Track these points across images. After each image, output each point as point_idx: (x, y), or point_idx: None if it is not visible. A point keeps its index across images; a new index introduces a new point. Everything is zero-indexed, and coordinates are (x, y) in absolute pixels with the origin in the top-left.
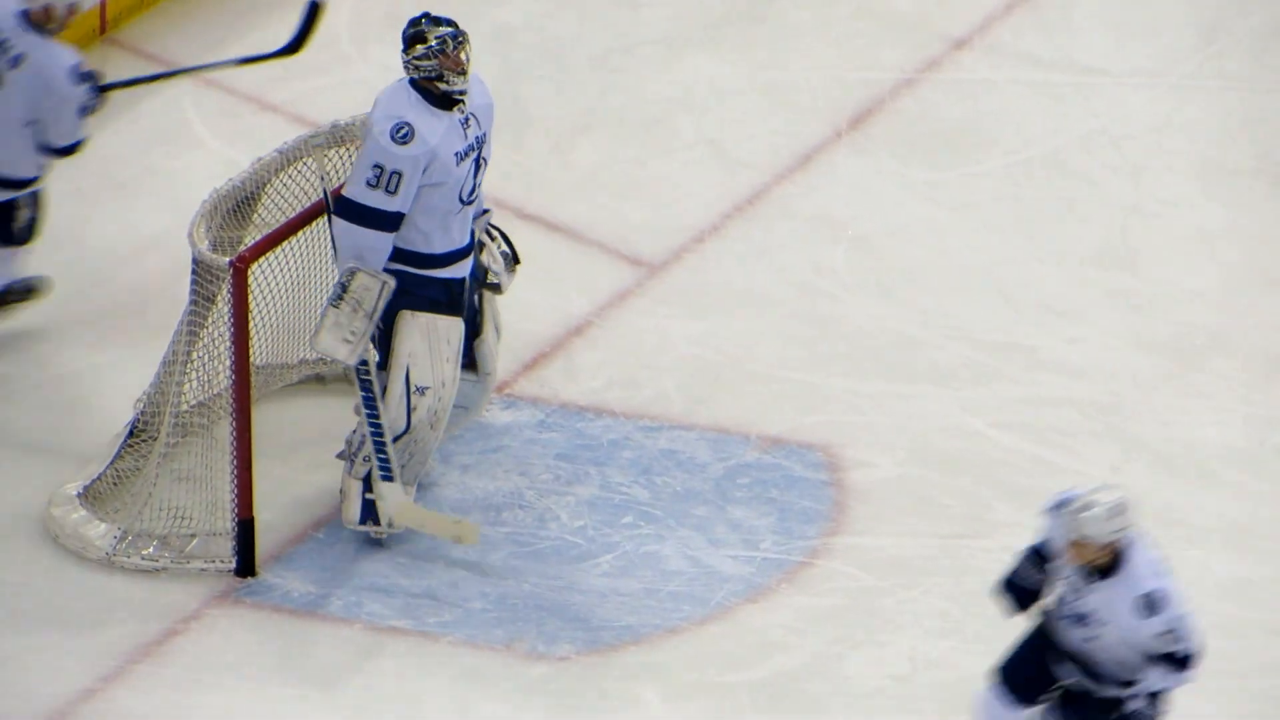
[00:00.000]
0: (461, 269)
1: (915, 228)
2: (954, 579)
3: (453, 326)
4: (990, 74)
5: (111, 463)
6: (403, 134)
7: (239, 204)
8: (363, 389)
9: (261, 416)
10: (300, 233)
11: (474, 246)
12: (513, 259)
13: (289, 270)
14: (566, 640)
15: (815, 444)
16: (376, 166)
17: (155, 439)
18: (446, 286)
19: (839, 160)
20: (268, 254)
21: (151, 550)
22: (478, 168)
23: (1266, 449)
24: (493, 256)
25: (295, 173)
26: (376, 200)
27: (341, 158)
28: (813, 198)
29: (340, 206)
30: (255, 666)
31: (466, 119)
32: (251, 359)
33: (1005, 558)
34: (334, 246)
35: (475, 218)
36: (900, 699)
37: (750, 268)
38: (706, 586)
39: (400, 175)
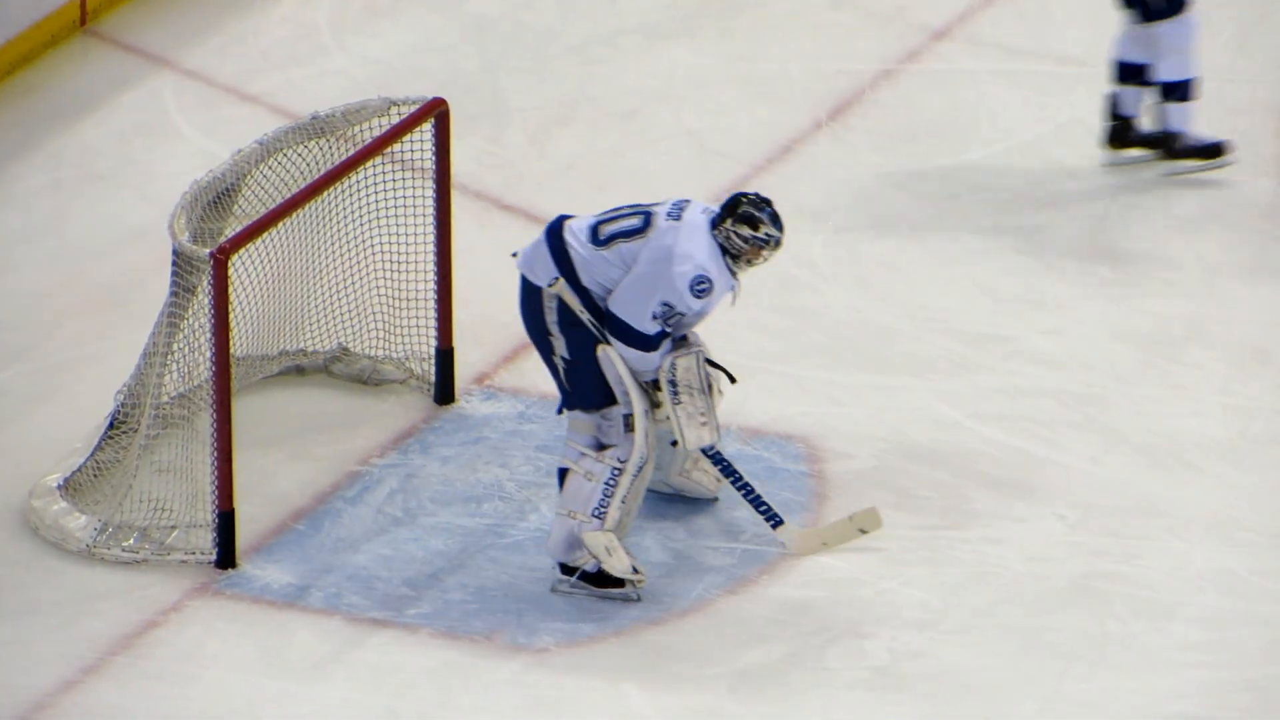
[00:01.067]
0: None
1: (894, 219)
2: (933, 570)
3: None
4: (969, 65)
5: (92, 454)
6: (702, 288)
7: (219, 196)
8: (716, 461)
9: (242, 408)
10: (281, 224)
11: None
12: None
13: (270, 262)
14: (546, 632)
15: (795, 435)
16: (666, 304)
17: (135, 431)
18: None
19: (818, 151)
20: (248, 245)
21: (132, 542)
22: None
23: (1247, 440)
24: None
25: (275, 164)
26: (656, 328)
27: (322, 149)
28: (792, 189)
29: (621, 332)
30: (235, 658)
31: (735, 286)
32: (232, 351)
33: (984, 548)
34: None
35: None
36: (880, 690)
37: None
38: (687, 578)
39: (681, 317)
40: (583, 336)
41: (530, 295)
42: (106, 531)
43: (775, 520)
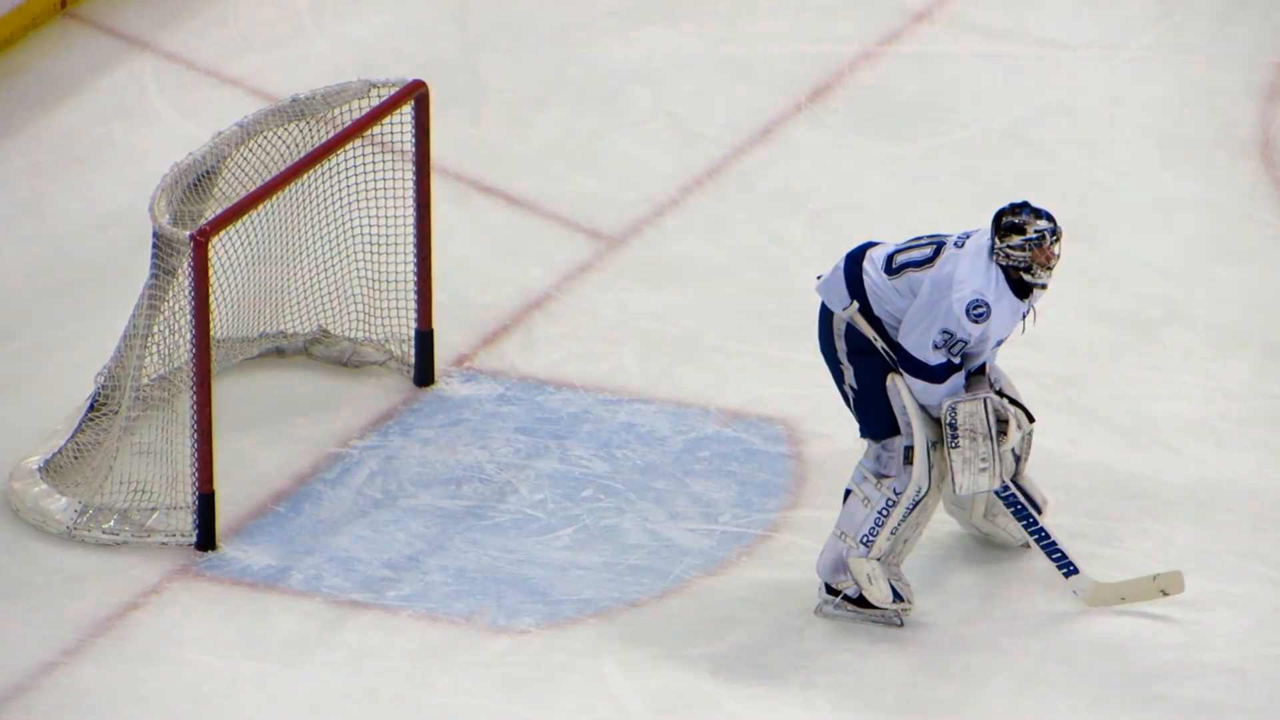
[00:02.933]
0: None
1: (874, 201)
2: (913, 551)
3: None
4: (949, 47)
5: (72, 437)
6: (979, 313)
7: (200, 178)
8: (1010, 504)
9: (222, 390)
10: (261, 207)
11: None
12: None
13: (250, 244)
14: (526, 613)
15: (775, 417)
16: (946, 333)
17: (116, 413)
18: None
19: (798, 133)
20: (228, 228)
21: (112, 524)
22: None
23: (1226, 421)
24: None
25: (256, 147)
26: (940, 358)
27: (302, 131)
28: (772, 171)
29: (906, 362)
30: (216, 640)
31: (1028, 310)
32: (212, 333)
33: (963, 530)
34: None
35: None
36: (860, 672)
37: (709, 241)
38: (666, 560)
39: (963, 344)
40: (871, 365)
41: (825, 321)
42: (87, 514)
43: (1070, 569)
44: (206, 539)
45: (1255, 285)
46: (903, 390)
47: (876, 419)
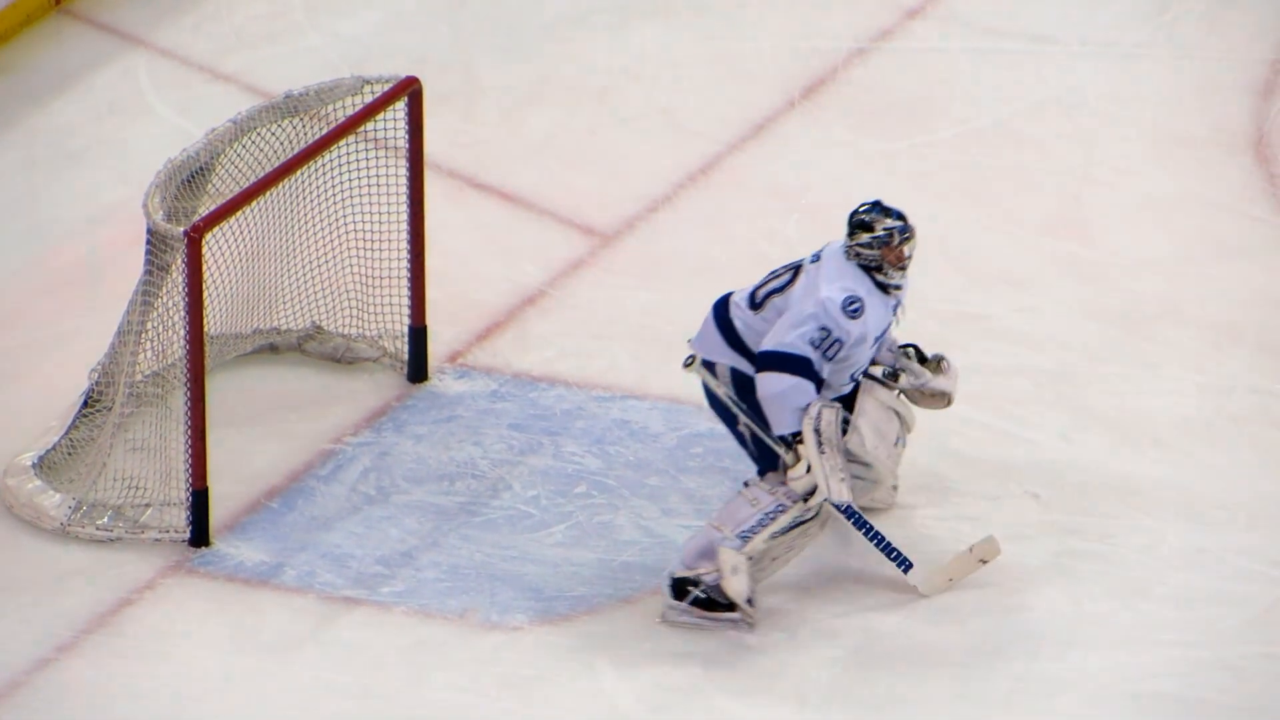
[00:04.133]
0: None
1: (867, 197)
2: (908, 548)
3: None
4: (942, 43)
5: (66, 433)
6: (854, 308)
7: (193, 174)
8: (848, 515)
9: (215, 386)
10: (254, 203)
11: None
12: (927, 360)
13: (243, 240)
14: (520, 610)
15: None
16: (823, 329)
17: (110, 409)
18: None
19: (791, 130)
20: (222, 224)
21: (106, 520)
22: (877, 349)
23: (1220, 418)
24: (914, 373)
25: (249, 143)
26: (815, 357)
27: (295, 128)
28: (765, 167)
29: (776, 361)
30: (209, 636)
31: (897, 305)
32: (206, 329)
33: (958, 526)
34: (763, 411)
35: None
36: (853, 669)
37: (703, 237)
38: (659, 556)
39: (840, 344)
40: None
41: (707, 371)
42: (81, 510)
43: (907, 565)
44: (200, 535)
45: (1249, 282)
46: (810, 412)
47: (774, 454)
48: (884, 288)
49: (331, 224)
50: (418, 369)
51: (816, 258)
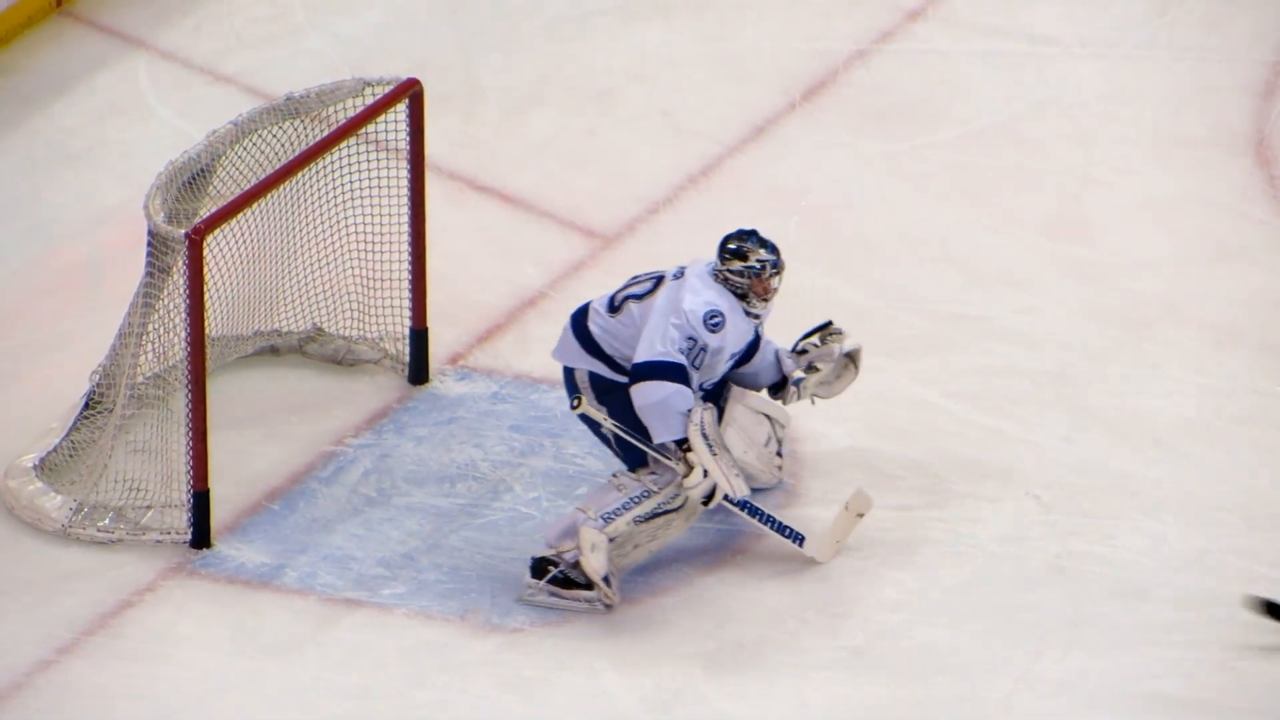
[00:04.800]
0: None
1: (868, 199)
2: (908, 550)
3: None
4: (943, 44)
5: (67, 434)
6: (715, 322)
7: (194, 176)
8: (741, 506)
9: (216, 388)
10: (255, 205)
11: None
12: (824, 331)
13: (244, 242)
14: (520, 612)
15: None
16: (690, 340)
17: (111, 411)
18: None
19: (792, 131)
20: (223, 226)
21: (107, 522)
22: (733, 363)
23: (1220, 419)
24: (825, 358)
25: (250, 145)
26: (681, 360)
27: (296, 129)
28: (765, 169)
29: (654, 370)
30: (210, 638)
31: (758, 332)
32: (207, 331)
33: (958, 528)
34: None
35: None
36: (855, 670)
37: (703, 239)
38: (659, 557)
39: (704, 354)
40: (622, 399)
41: (569, 381)
42: (82, 511)
43: (799, 539)
44: (201, 537)
45: (1249, 283)
46: (693, 418)
47: (640, 452)
48: (748, 314)
49: (332, 226)
50: (419, 371)
51: (680, 273)
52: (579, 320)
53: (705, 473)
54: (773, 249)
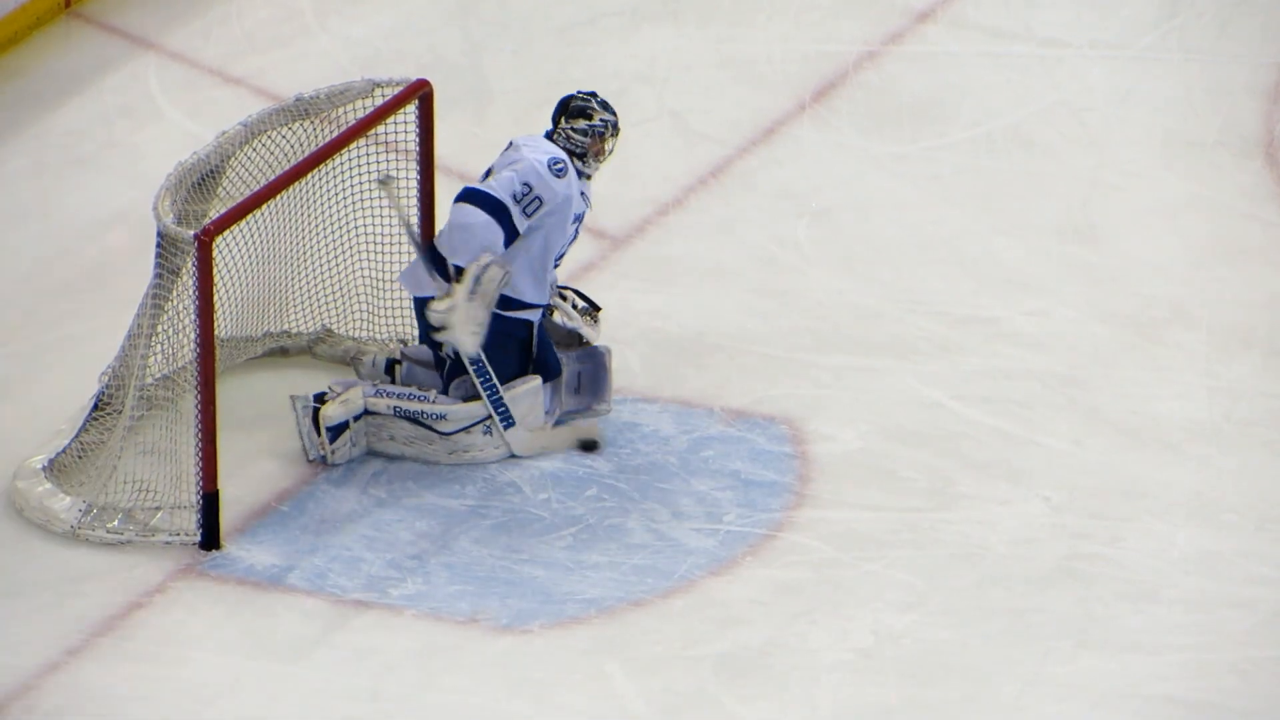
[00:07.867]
0: (535, 317)
1: (877, 201)
2: (917, 551)
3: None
4: (952, 47)
5: (76, 436)
6: (559, 168)
7: (203, 177)
8: (478, 373)
9: (226, 390)
10: (265, 206)
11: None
12: (591, 308)
13: (254, 244)
14: (530, 613)
15: (778, 417)
16: (526, 184)
17: (120, 412)
18: (526, 325)
19: (801, 133)
20: (232, 227)
21: (116, 523)
22: (574, 238)
23: (1230, 421)
24: (567, 314)
25: (260, 146)
26: (515, 210)
27: (305, 131)
28: (775, 171)
29: (474, 196)
30: (219, 639)
31: (584, 191)
32: (216, 332)
33: (968, 530)
34: (442, 241)
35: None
36: (863, 672)
37: (712, 241)
38: (670, 559)
39: (540, 202)
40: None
41: (418, 309)
42: (91, 513)
43: (509, 423)
44: (210, 538)
45: (1259, 285)
46: (483, 259)
47: (457, 373)
48: (580, 174)
49: (342, 227)
50: None
51: (511, 145)
52: (431, 247)
53: (454, 319)
54: (614, 111)
